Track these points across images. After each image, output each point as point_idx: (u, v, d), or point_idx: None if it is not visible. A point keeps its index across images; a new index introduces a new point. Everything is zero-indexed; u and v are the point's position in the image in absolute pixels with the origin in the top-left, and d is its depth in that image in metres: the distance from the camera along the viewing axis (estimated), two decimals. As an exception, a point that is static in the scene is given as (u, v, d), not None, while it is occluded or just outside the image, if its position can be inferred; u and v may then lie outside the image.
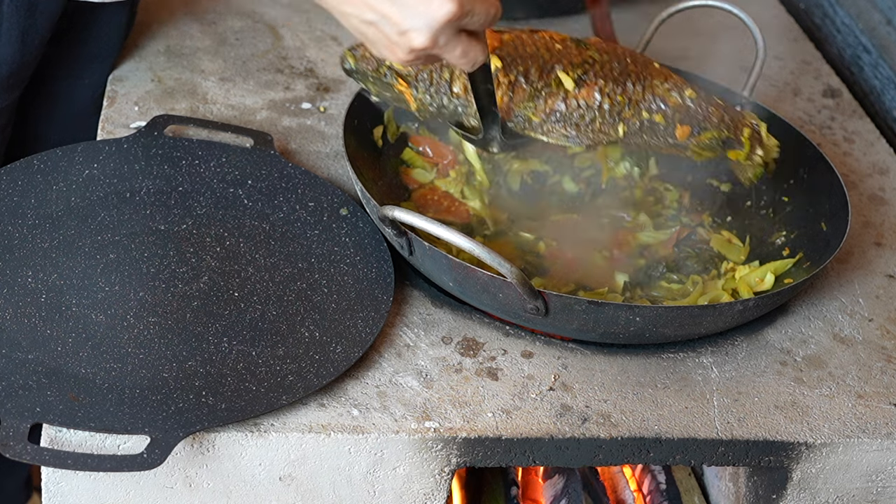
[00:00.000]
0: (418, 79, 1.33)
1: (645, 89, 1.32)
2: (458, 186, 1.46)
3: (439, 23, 1.08)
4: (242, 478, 1.15)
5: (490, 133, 1.32)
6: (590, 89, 1.30)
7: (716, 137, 1.33)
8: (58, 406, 1.10)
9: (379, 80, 1.35)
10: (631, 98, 1.31)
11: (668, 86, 1.33)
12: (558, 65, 1.31)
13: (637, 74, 1.33)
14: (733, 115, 1.35)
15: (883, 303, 1.41)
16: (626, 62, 1.34)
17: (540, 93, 1.30)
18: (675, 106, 1.33)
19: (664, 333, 1.25)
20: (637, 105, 1.31)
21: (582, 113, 1.30)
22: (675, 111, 1.32)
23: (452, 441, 1.16)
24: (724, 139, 1.34)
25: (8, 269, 1.24)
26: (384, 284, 1.28)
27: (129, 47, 1.64)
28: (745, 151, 1.35)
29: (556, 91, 1.30)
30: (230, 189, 1.39)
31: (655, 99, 1.32)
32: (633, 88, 1.31)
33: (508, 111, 1.31)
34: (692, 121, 1.32)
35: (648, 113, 1.31)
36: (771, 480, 1.28)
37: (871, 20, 1.90)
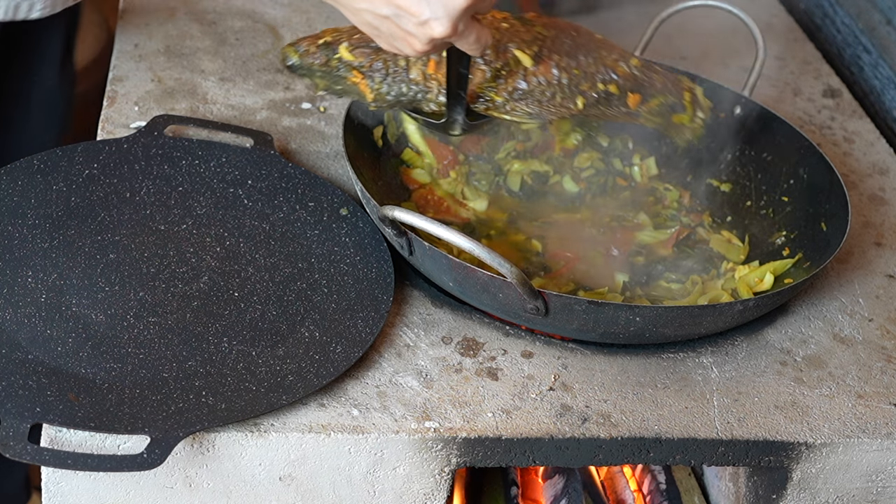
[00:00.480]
0: (373, 69, 1.32)
1: (596, 61, 1.33)
2: (458, 187, 1.46)
3: (459, 10, 1.09)
4: (242, 478, 1.15)
5: (453, 116, 1.32)
6: (547, 65, 1.30)
7: (663, 103, 1.35)
8: (58, 406, 1.10)
9: (329, 73, 1.34)
10: (586, 71, 1.32)
11: (615, 56, 1.35)
12: (511, 43, 1.31)
13: (586, 47, 1.34)
14: (673, 81, 1.38)
15: (883, 303, 1.41)
16: (573, 35, 1.35)
17: (500, 73, 1.30)
18: (624, 75, 1.34)
19: (664, 333, 1.25)
20: (592, 77, 1.32)
21: (543, 89, 1.30)
22: (625, 80, 1.34)
23: (452, 441, 1.16)
24: (671, 104, 1.36)
25: (8, 269, 1.24)
26: (384, 284, 1.28)
27: (129, 47, 1.64)
28: (689, 114, 1.37)
29: (516, 69, 1.30)
30: (230, 189, 1.39)
31: (607, 70, 1.33)
32: (586, 61, 1.32)
33: (472, 94, 1.31)
34: (640, 89, 1.34)
35: (603, 84, 1.32)
36: (771, 480, 1.28)
37: (871, 20, 1.90)
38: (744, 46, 1.68)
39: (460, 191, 1.46)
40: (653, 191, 1.52)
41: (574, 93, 1.31)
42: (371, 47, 1.32)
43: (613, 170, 1.54)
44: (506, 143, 1.54)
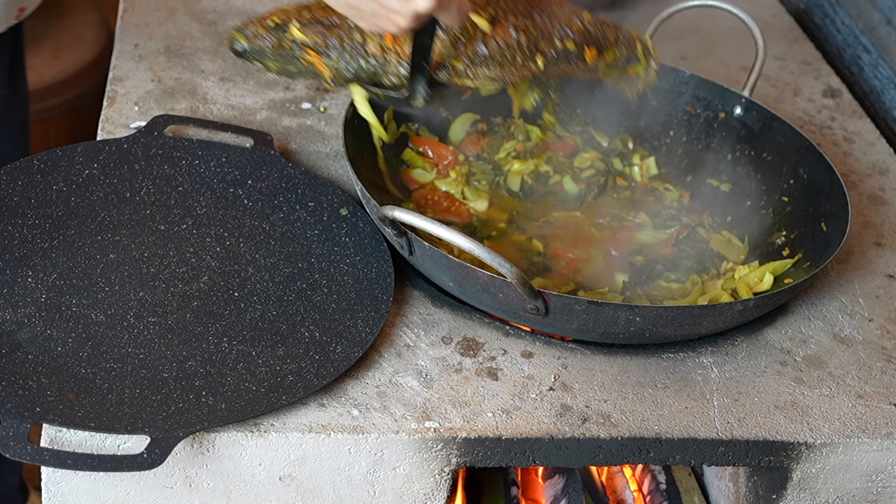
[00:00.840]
0: (329, 46, 1.30)
1: (551, 19, 1.33)
2: (458, 187, 1.46)
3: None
4: (242, 478, 1.15)
5: (415, 87, 1.30)
6: (504, 27, 1.29)
7: (619, 56, 1.37)
8: (58, 406, 1.10)
9: (282, 55, 1.31)
10: (542, 30, 1.31)
11: (567, 12, 1.35)
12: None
13: (539, 5, 1.33)
14: (624, 33, 1.39)
15: (883, 303, 1.41)
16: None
17: (459, 39, 1.29)
18: (579, 31, 1.34)
19: (664, 333, 1.25)
20: (549, 35, 1.32)
21: (503, 52, 1.29)
22: (580, 36, 1.34)
23: (452, 441, 1.16)
24: (626, 56, 1.38)
25: (8, 269, 1.24)
26: (384, 284, 1.28)
27: (129, 47, 1.64)
28: (643, 64, 1.39)
29: (474, 35, 1.29)
30: (230, 189, 1.39)
31: (563, 27, 1.33)
32: (542, 19, 1.32)
33: (433, 63, 1.29)
34: (595, 43, 1.35)
35: (560, 42, 1.32)
36: (771, 480, 1.28)
37: (871, 20, 1.90)
38: (744, 46, 1.68)
39: (461, 191, 1.46)
40: (653, 191, 1.52)
41: (533, 53, 1.31)
42: (324, 24, 1.30)
43: (613, 170, 1.54)
44: (506, 144, 1.54)
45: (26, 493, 2.08)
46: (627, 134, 1.59)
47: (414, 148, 1.50)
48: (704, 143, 1.56)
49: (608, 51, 1.36)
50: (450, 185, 1.46)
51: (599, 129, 1.59)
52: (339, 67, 1.31)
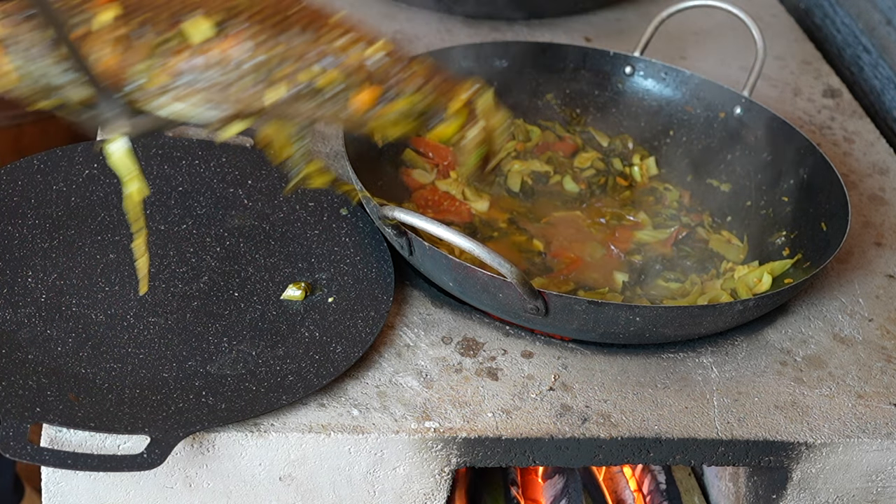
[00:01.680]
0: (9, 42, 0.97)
1: (316, 40, 0.99)
2: (458, 187, 1.46)
3: None
4: (242, 478, 1.15)
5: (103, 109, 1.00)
6: (234, 39, 0.97)
7: (409, 108, 1.02)
8: (58, 406, 1.10)
9: None
10: (292, 51, 0.98)
11: (350, 37, 1.02)
12: (201, 9, 0.99)
13: (308, 21, 1.01)
14: (445, 80, 1.05)
15: (883, 303, 1.41)
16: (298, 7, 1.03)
17: (163, 46, 0.97)
18: (356, 65, 1.01)
19: (664, 333, 1.25)
20: (300, 60, 0.98)
21: (221, 71, 0.97)
22: (354, 71, 1.01)
23: (452, 441, 1.16)
24: (423, 110, 1.03)
25: (8, 269, 1.24)
26: (384, 284, 1.28)
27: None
28: (455, 127, 1.04)
29: (186, 45, 0.97)
30: (230, 189, 1.39)
31: (328, 54, 1.00)
32: (299, 39, 0.99)
33: (119, 76, 0.97)
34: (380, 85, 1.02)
35: (315, 72, 0.99)
36: (771, 480, 1.28)
37: (871, 20, 1.90)
38: (744, 46, 1.68)
39: (461, 191, 1.46)
40: (653, 191, 1.52)
41: (269, 80, 0.98)
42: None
43: (613, 170, 1.54)
44: (506, 144, 1.54)
45: (21, 491, 2.08)
46: (627, 134, 1.59)
47: (414, 148, 1.50)
48: (704, 143, 1.56)
49: (400, 99, 1.02)
50: (450, 185, 1.46)
51: (599, 130, 1.59)
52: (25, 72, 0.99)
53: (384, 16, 1.83)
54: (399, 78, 1.01)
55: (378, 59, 1.01)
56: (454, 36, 1.80)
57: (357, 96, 1.00)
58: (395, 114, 1.02)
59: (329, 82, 0.99)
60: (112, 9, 0.97)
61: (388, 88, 1.01)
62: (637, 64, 1.59)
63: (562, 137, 1.57)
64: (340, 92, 1.00)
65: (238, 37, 0.97)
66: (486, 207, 1.45)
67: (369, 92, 1.00)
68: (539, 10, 1.87)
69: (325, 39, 1.00)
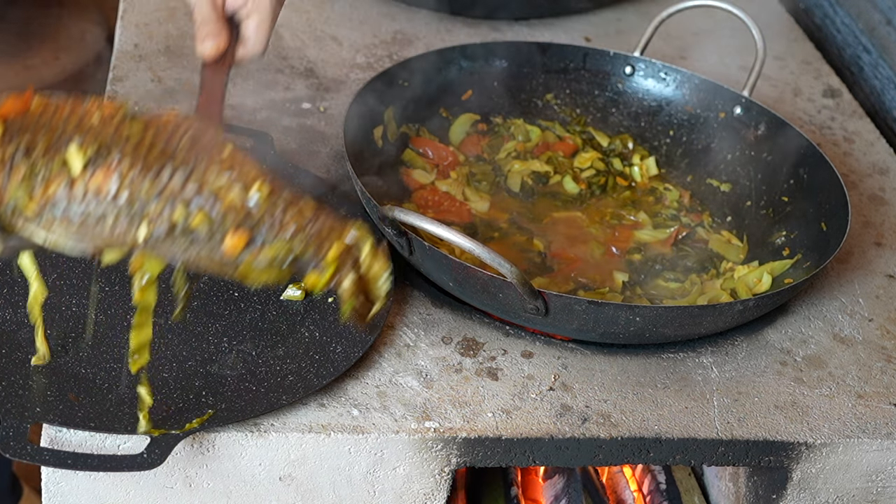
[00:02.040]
0: None
1: (190, 178, 0.98)
2: (458, 187, 1.46)
3: None
4: (242, 478, 1.15)
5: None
6: (106, 173, 0.97)
7: (281, 255, 1.00)
8: (58, 406, 1.10)
9: None
10: (164, 190, 0.97)
11: (229, 175, 1.00)
12: (78, 136, 0.99)
13: (187, 158, 1.00)
14: (326, 225, 1.02)
15: (883, 303, 1.41)
16: (181, 140, 1.01)
17: (37, 174, 0.97)
18: (232, 206, 0.99)
19: (664, 333, 1.25)
20: (171, 200, 0.97)
21: (89, 207, 0.97)
22: (228, 213, 0.99)
23: (452, 441, 1.16)
24: (296, 257, 1.01)
25: (8, 268, 1.24)
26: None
27: (129, 47, 1.64)
28: (327, 276, 1.02)
29: (60, 173, 0.97)
30: (230, 189, 1.39)
31: (202, 194, 0.98)
32: (172, 177, 0.98)
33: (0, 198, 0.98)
34: (254, 229, 1.00)
35: (185, 213, 0.98)
36: (771, 480, 1.28)
37: (871, 20, 1.90)
38: (744, 46, 1.68)
39: (461, 192, 1.46)
40: (653, 191, 1.52)
41: (136, 219, 0.98)
42: None
43: (613, 170, 1.54)
44: (506, 144, 1.54)
45: (19, 492, 2.08)
46: (627, 134, 1.59)
47: (414, 148, 1.50)
48: (704, 143, 1.56)
49: (272, 244, 0.99)
50: (450, 185, 1.46)
51: (599, 130, 1.59)
52: None
53: (384, 16, 1.83)
54: (273, 222, 1.00)
55: (256, 201, 1.00)
56: (454, 36, 1.80)
57: (227, 240, 0.99)
58: (265, 260, 1.00)
59: (199, 223, 0.98)
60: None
61: (258, 234, 1.00)
62: (637, 64, 1.59)
63: (562, 137, 1.57)
64: (212, 234, 0.99)
65: (111, 170, 0.98)
66: (486, 208, 1.45)
67: (238, 237, 0.99)
68: (540, 10, 1.87)
69: (203, 178, 0.99)
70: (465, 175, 1.48)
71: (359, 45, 1.75)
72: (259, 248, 1.00)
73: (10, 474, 2.04)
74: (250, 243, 1.00)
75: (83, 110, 1.02)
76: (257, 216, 1.00)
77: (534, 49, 1.60)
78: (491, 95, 1.59)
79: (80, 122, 1.01)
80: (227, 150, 1.02)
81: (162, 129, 1.01)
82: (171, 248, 1.00)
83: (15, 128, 0.99)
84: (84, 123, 1.01)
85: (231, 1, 1.19)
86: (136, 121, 1.02)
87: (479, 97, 1.58)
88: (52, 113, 1.02)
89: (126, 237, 0.99)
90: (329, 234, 1.02)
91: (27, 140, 0.98)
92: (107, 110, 1.03)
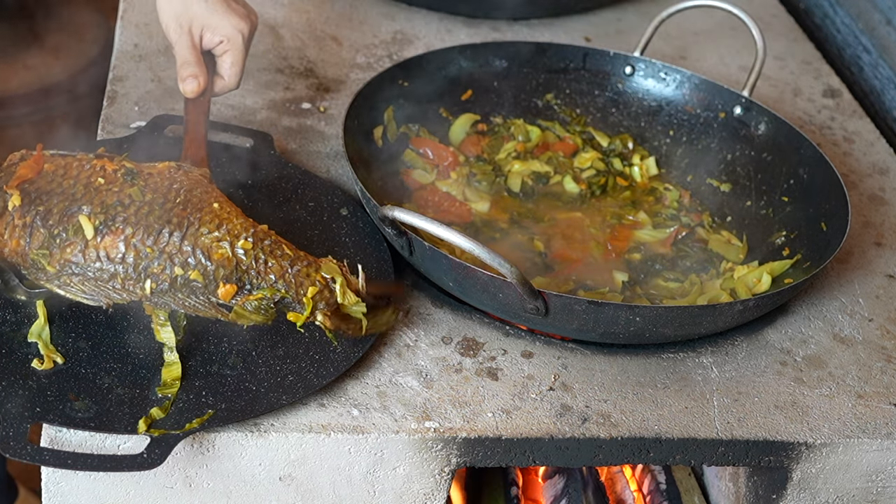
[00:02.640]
0: None
1: (185, 238, 1.15)
2: (459, 188, 1.46)
3: None
4: (242, 478, 1.15)
5: (6, 277, 1.18)
6: (114, 238, 1.14)
7: (267, 297, 1.16)
8: (58, 406, 1.10)
9: None
10: (164, 250, 1.14)
11: (217, 234, 1.16)
12: (86, 206, 1.16)
13: (181, 220, 1.17)
14: (303, 269, 1.19)
15: (883, 303, 1.41)
16: (176, 202, 1.18)
17: (55, 239, 1.15)
18: (222, 259, 1.16)
19: (664, 333, 1.25)
20: (170, 258, 1.14)
21: (101, 266, 1.14)
22: (219, 266, 1.16)
23: (452, 441, 1.16)
24: (279, 299, 1.17)
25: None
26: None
27: (129, 47, 1.64)
28: (306, 314, 1.17)
29: (75, 239, 1.14)
30: (230, 189, 1.39)
31: (196, 252, 1.15)
32: (169, 239, 1.15)
33: (24, 257, 1.16)
34: (242, 277, 1.17)
35: (183, 268, 1.15)
36: (771, 480, 1.28)
37: (871, 20, 1.90)
38: (744, 46, 1.68)
39: (461, 192, 1.46)
40: (653, 191, 1.52)
41: (141, 275, 1.14)
42: None
43: (613, 170, 1.54)
44: (506, 144, 1.54)
45: (15, 492, 2.07)
46: (627, 134, 1.59)
47: (414, 149, 1.50)
48: (704, 143, 1.56)
49: (256, 291, 1.16)
50: (450, 186, 1.46)
51: (599, 130, 1.59)
52: None
53: (384, 16, 1.83)
54: (258, 269, 1.17)
55: (242, 255, 1.16)
56: (454, 36, 1.80)
57: (220, 289, 1.16)
58: (254, 302, 1.16)
59: (195, 277, 1.15)
60: (14, 197, 1.17)
61: (248, 281, 1.17)
62: (637, 64, 1.59)
63: (562, 137, 1.57)
64: (207, 285, 1.16)
65: (118, 235, 1.14)
66: (486, 208, 1.45)
67: (229, 286, 1.16)
68: (541, 9, 1.87)
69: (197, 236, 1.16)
70: (465, 175, 1.48)
71: (359, 45, 1.75)
72: (248, 293, 1.17)
73: (6, 475, 2.03)
74: (240, 290, 1.16)
75: (89, 170, 1.19)
76: (245, 265, 1.16)
77: (534, 49, 1.60)
78: (491, 95, 1.59)
79: (88, 185, 1.18)
80: (216, 205, 1.19)
81: (158, 189, 1.18)
82: (173, 299, 1.15)
83: (31, 196, 1.17)
84: (91, 185, 1.17)
85: (208, 40, 1.33)
86: (136, 180, 1.19)
87: (479, 97, 1.58)
88: (61, 176, 1.19)
89: (135, 291, 1.15)
90: (307, 276, 1.18)
91: (43, 209, 1.15)
92: (109, 167, 1.20)
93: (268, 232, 1.20)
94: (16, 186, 1.18)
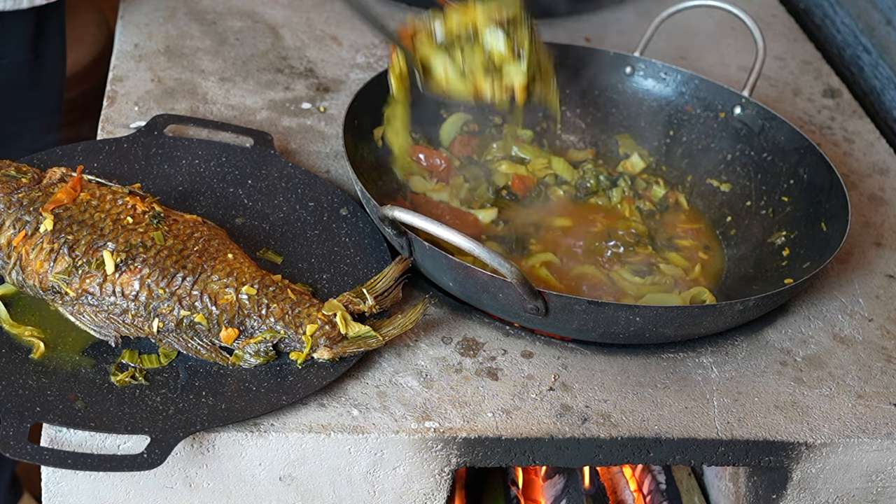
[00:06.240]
0: None
1: (195, 284, 1.19)
2: (456, 199, 1.46)
3: None
4: (242, 478, 1.15)
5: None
6: (131, 276, 1.18)
7: (266, 340, 1.18)
8: (58, 406, 1.10)
9: None
10: (174, 293, 1.18)
11: (226, 281, 1.20)
12: (112, 243, 1.20)
13: (196, 266, 1.21)
14: (304, 310, 1.21)
15: (883, 303, 1.41)
16: (193, 249, 1.22)
17: (77, 269, 1.19)
18: (227, 304, 1.19)
19: (664, 333, 1.25)
20: (179, 301, 1.18)
21: (115, 301, 1.18)
22: (223, 311, 1.19)
23: (452, 441, 1.16)
24: (279, 340, 1.19)
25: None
26: (384, 284, 1.28)
27: (129, 47, 1.64)
28: (306, 351, 1.19)
29: (96, 271, 1.18)
30: (230, 189, 1.39)
31: (203, 296, 1.19)
32: (182, 283, 1.19)
33: (43, 279, 1.19)
34: (245, 322, 1.19)
35: (189, 311, 1.18)
36: (771, 480, 1.28)
37: (871, 20, 1.90)
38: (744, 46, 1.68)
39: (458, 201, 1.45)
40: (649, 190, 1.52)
41: (150, 314, 1.18)
42: None
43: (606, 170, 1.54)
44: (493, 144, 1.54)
45: (19, 491, 2.08)
46: (627, 134, 1.59)
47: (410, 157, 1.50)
48: (704, 143, 1.56)
49: (261, 333, 1.19)
50: (449, 195, 1.46)
51: (600, 130, 1.59)
52: None
53: (384, 16, 1.83)
54: (260, 313, 1.20)
55: (251, 297, 1.20)
56: (454, 36, 1.80)
57: (223, 333, 1.19)
58: (254, 345, 1.18)
59: (200, 320, 1.18)
60: (47, 221, 1.21)
61: (249, 326, 1.19)
62: (637, 64, 1.59)
63: (560, 138, 1.57)
64: (210, 328, 1.19)
65: (135, 273, 1.19)
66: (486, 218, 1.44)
67: (231, 330, 1.19)
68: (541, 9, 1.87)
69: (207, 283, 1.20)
70: (460, 185, 1.48)
71: (359, 45, 1.75)
72: (248, 337, 1.19)
73: (12, 473, 2.04)
74: (241, 334, 1.19)
75: (121, 206, 1.24)
76: (247, 310, 1.19)
77: (534, 49, 1.60)
78: (491, 95, 1.58)
79: (117, 221, 1.22)
80: (231, 256, 1.23)
81: (179, 236, 1.23)
82: (177, 340, 1.18)
83: (63, 222, 1.21)
84: (120, 222, 1.22)
85: None
86: (161, 224, 1.23)
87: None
88: (94, 208, 1.23)
89: (143, 328, 1.18)
90: (307, 316, 1.20)
91: (72, 238, 1.20)
92: (140, 207, 1.24)
93: (276, 279, 1.23)
94: (51, 210, 1.22)
